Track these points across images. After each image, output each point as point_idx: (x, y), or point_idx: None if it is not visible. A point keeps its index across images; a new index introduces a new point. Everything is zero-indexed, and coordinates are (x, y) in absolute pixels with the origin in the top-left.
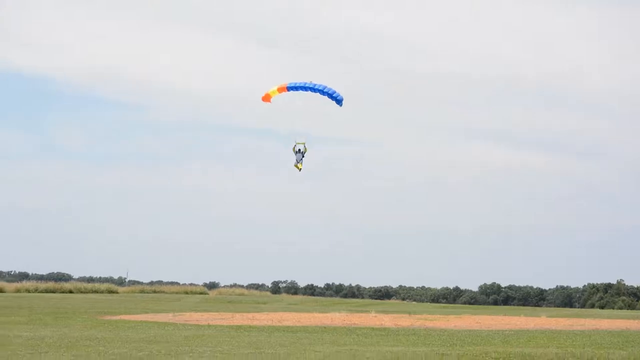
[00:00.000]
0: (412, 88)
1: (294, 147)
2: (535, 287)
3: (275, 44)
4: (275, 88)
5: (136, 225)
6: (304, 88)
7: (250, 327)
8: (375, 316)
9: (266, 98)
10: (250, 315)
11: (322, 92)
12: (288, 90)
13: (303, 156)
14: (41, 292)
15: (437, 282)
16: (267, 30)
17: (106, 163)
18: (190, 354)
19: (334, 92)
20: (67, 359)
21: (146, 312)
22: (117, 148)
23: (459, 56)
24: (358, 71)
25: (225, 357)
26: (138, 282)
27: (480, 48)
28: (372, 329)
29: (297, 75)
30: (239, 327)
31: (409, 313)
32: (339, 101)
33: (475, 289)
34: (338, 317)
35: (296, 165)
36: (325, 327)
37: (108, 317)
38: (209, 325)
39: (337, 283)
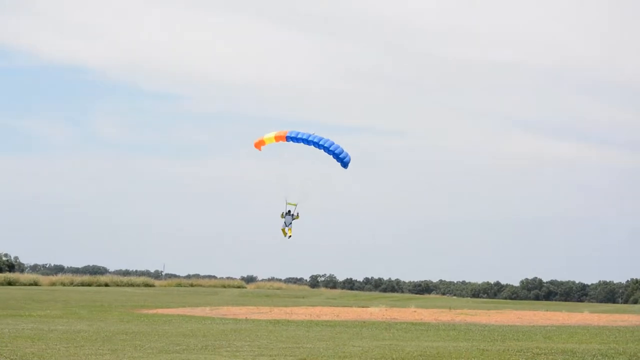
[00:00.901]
0: (457, 75)
1: (282, 214)
2: (577, 282)
3: (320, 30)
4: (272, 135)
5: (173, 217)
6: (307, 141)
7: (288, 321)
8: (415, 311)
9: (259, 145)
10: (288, 309)
11: (327, 149)
12: (287, 140)
13: (293, 219)
14: (76, 285)
15: (478, 276)
16: (311, 16)
17: (144, 154)
18: (228, 349)
19: (342, 151)
20: (103, 353)
21: (183, 306)
22: (155, 139)
23: (501, 42)
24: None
25: (263, 352)
26: (175, 276)
27: (526, 34)
28: (412, 323)
29: (336, 60)
30: (277, 322)
31: (450, 308)
32: (345, 163)
33: (516, 283)
34: (377, 311)
35: (283, 230)
36: (364, 322)
37: (144, 311)
38: (246, 319)
39: (376, 277)
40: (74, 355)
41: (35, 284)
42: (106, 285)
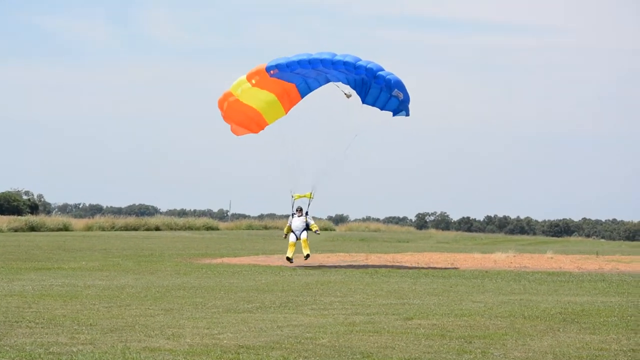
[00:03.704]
0: None
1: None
2: None
3: None
4: (243, 78)
5: (243, 143)
6: (313, 62)
7: (389, 271)
8: (552, 257)
9: (249, 123)
10: (389, 256)
11: (355, 68)
12: (270, 73)
13: (310, 228)
14: (119, 229)
15: (633, 214)
16: None
17: (206, 61)
18: (313, 306)
19: (381, 68)
20: (154, 313)
21: (255, 254)
22: (221, 41)
23: None
24: None
25: (359, 310)
26: (244, 216)
27: None
28: (548, 273)
29: None
30: (375, 272)
31: (597, 253)
32: (390, 84)
33: None
34: (503, 258)
35: (292, 246)
36: (486, 272)
37: (206, 261)
38: (336, 269)
39: (500, 215)
40: (118, 317)
41: (66, 228)
42: (157, 229)
